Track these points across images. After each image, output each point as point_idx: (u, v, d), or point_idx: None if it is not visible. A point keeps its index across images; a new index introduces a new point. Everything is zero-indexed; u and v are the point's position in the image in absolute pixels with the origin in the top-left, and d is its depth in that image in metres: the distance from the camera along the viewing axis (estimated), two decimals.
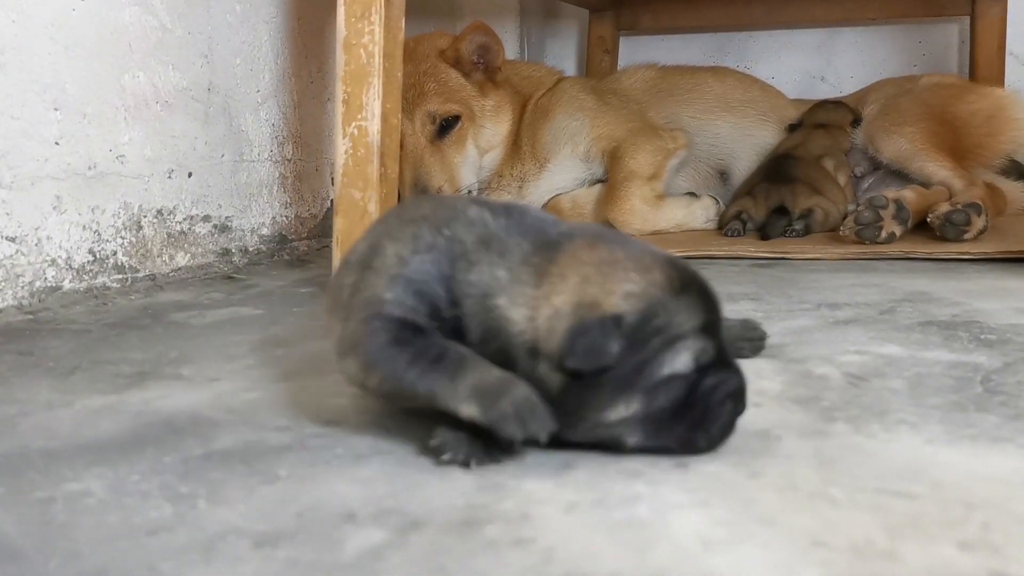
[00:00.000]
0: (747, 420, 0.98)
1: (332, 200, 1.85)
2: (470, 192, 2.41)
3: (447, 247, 0.93)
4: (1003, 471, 0.84)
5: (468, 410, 0.84)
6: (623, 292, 0.84)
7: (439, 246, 0.93)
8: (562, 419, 0.85)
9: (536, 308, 0.86)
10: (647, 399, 0.85)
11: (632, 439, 0.87)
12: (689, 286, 0.87)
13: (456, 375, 0.86)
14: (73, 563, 0.70)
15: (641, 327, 0.84)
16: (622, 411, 0.85)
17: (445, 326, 0.91)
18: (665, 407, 0.86)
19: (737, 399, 0.89)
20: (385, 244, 0.96)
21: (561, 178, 2.52)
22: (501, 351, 0.88)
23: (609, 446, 0.88)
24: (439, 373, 0.86)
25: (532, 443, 0.84)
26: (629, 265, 0.86)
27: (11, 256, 1.61)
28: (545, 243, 0.90)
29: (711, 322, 0.87)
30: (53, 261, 1.68)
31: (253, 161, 2.19)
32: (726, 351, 0.90)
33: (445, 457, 0.87)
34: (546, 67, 2.88)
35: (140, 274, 1.86)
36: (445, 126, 2.37)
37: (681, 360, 0.85)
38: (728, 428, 0.89)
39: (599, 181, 2.51)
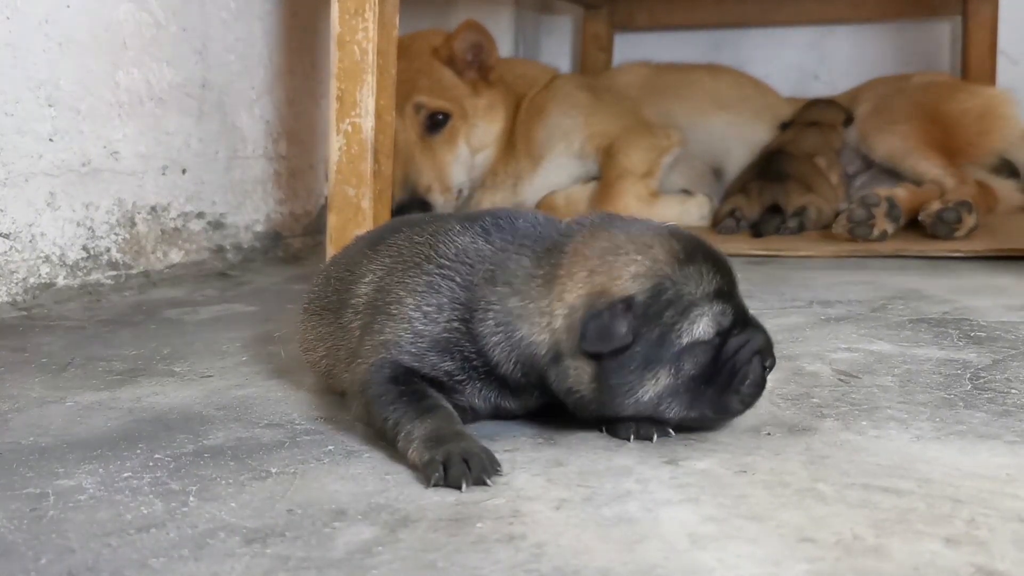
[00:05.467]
0: (737, 417, 0.98)
1: (326, 197, 1.85)
2: (461, 191, 2.42)
3: (465, 297, 0.92)
4: (990, 467, 0.85)
5: (414, 455, 0.85)
6: (630, 274, 0.87)
7: (458, 297, 0.92)
8: (608, 403, 0.88)
9: (552, 314, 0.88)
10: (674, 370, 0.87)
11: (670, 413, 0.89)
12: (694, 255, 0.89)
13: (420, 419, 0.87)
14: (64, 559, 0.70)
15: (652, 303, 0.86)
16: (651, 387, 0.87)
17: (478, 375, 0.92)
18: (695, 375, 0.88)
19: (765, 355, 0.91)
20: (398, 291, 0.95)
21: (556, 175, 2.53)
22: (540, 378, 0.90)
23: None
24: (412, 411, 0.88)
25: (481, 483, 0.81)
26: (631, 248, 0.89)
27: (5, 252, 1.61)
28: (546, 250, 0.91)
29: (724, 285, 0.90)
30: (47, 258, 1.68)
31: (247, 158, 2.19)
32: (746, 311, 0.91)
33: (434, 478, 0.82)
34: (540, 65, 2.88)
35: (134, 271, 1.86)
36: (435, 123, 2.37)
37: (699, 327, 0.88)
38: (760, 385, 0.91)
39: (594, 179, 2.52)
